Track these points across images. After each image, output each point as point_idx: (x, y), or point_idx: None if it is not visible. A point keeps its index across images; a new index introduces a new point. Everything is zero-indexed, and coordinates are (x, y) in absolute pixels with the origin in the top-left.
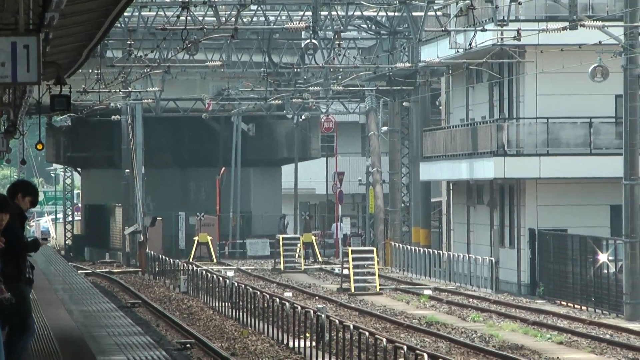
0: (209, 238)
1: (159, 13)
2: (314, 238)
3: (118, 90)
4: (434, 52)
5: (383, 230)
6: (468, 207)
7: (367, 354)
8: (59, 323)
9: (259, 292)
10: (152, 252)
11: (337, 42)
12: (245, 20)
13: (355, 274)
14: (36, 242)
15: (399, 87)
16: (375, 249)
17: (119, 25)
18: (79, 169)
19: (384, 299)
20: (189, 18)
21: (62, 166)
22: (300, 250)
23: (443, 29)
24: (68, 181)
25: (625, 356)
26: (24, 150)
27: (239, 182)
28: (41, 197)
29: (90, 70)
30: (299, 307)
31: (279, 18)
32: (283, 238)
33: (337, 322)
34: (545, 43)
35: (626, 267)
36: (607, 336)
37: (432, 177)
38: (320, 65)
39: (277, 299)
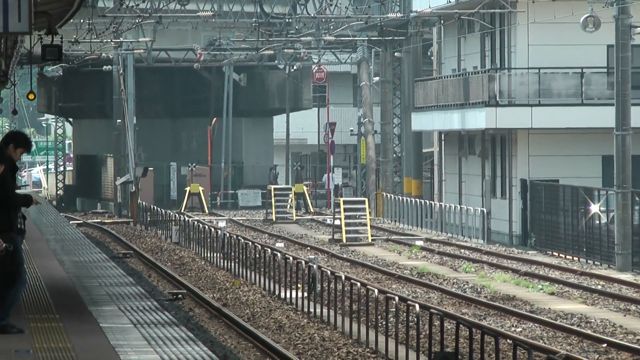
0: (201, 188)
1: None
2: (305, 189)
3: (109, 41)
4: (425, 2)
5: (375, 180)
6: (460, 158)
7: (358, 305)
8: (50, 273)
9: (250, 243)
10: (143, 203)
11: None
12: None
13: (347, 224)
14: (28, 198)
15: (390, 38)
16: (367, 200)
17: None
18: (71, 119)
19: (375, 250)
20: None
21: (53, 116)
22: (291, 200)
23: None
24: (59, 131)
25: (617, 307)
26: (16, 100)
27: (230, 132)
28: (33, 146)
29: (81, 21)
30: (291, 258)
31: None
32: (275, 189)
33: (328, 272)
34: None
35: (617, 217)
36: (599, 287)
37: (424, 128)
38: (312, 15)
39: (269, 250)
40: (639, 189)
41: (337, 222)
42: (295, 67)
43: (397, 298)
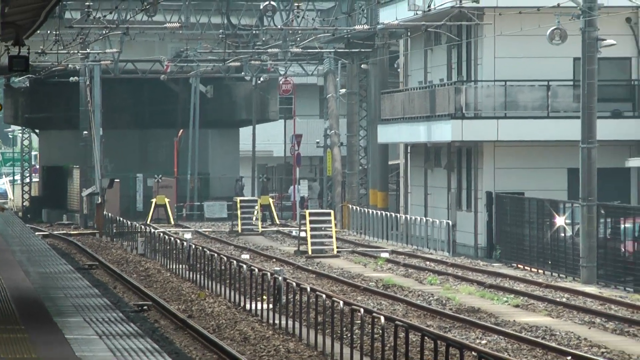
0: (167, 200)
1: None
2: (271, 200)
3: (76, 52)
4: (392, 14)
5: (340, 192)
6: (425, 170)
7: (324, 317)
8: (16, 284)
9: (216, 255)
10: (109, 214)
11: (295, 4)
12: None
13: (312, 236)
14: None
15: (357, 50)
16: (332, 212)
17: None
18: (37, 130)
19: (341, 262)
20: None
21: (20, 127)
22: (257, 212)
23: None
24: (26, 142)
25: (582, 319)
26: None
27: (197, 143)
28: None
29: (48, 32)
30: (256, 270)
31: None
32: (241, 200)
33: (294, 284)
34: (503, 5)
35: (583, 230)
36: (564, 299)
37: (390, 140)
38: (279, 27)
39: (235, 262)
40: (604, 202)
41: (302, 234)
42: (262, 79)
43: (362, 310)
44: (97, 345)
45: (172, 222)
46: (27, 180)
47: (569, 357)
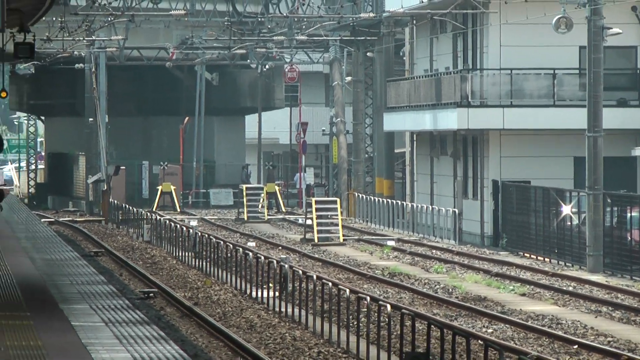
0: (173, 187)
1: None
2: (277, 188)
3: (82, 39)
4: (398, 2)
5: (346, 180)
6: (431, 158)
7: (330, 305)
8: (22, 271)
9: (222, 242)
10: (115, 201)
11: None
12: None
13: (318, 224)
14: (1, 191)
15: (363, 38)
16: (338, 200)
17: None
18: (43, 117)
19: (347, 250)
20: None
21: (25, 114)
22: (263, 200)
23: None
24: (31, 129)
25: (588, 308)
26: None
27: (202, 131)
28: (5, 144)
29: (54, 18)
30: (262, 257)
31: None
32: (246, 188)
33: (300, 272)
34: None
35: (589, 219)
36: (570, 288)
37: (396, 128)
38: (285, 14)
39: (241, 249)
40: (611, 191)
41: (308, 221)
42: (267, 67)
43: (368, 298)
44: (103, 332)
45: (178, 210)
46: (33, 167)
47: (576, 346)
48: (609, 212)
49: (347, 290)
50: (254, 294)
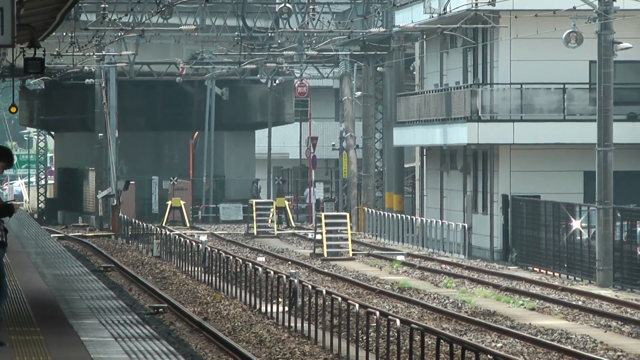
0: (182, 202)
1: None
2: (287, 203)
3: (92, 54)
4: (408, 17)
5: (356, 195)
6: (441, 173)
7: (339, 319)
8: (31, 286)
9: (231, 257)
10: (125, 216)
11: (311, 7)
12: None
13: (328, 239)
14: (11, 206)
15: (373, 52)
16: (348, 214)
17: None
18: (53, 132)
19: (356, 265)
20: None
21: (35, 129)
22: (273, 215)
23: None
24: (41, 144)
25: (598, 322)
26: None
27: (212, 146)
28: (14, 160)
29: (64, 34)
30: (272, 272)
31: None
32: (256, 203)
33: (309, 287)
34: (519, 8)
35: (599, 233)
36: (580, 303)
37: (406, 143)
38: (295, 29)
39: (250, 264)
40: (621, 205)
41: (318, 236)
42: (277, 82)
43: (377, 313)
44: (113, 348)
45: (188, 225)
46: (43, 182)
47: None
48: (619, 227)
49: (357, 305)
50: (263, 308)
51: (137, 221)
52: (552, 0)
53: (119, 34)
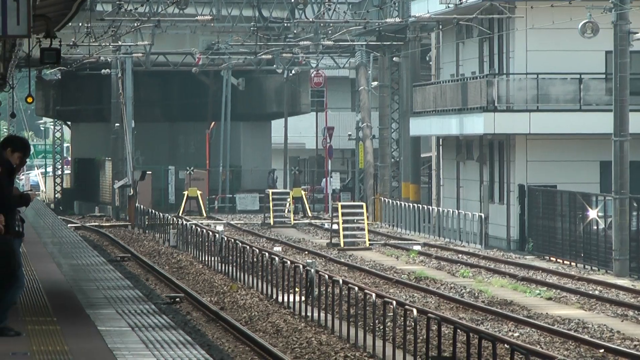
0: (199, 192)
1: None
2: (303, 193)
3: (108, 44)
4: (424, 7)
5: (373, 185)
6: (457, 163)
7: (356, 309)
8: (48, 276)
9: (248, 247)
10: (141, 206)
11: None
12: None
13: (344, 229)
14: (27, 196)
15: (389, 42)
16: (364, 204)
17: None
18: (69, 123)
19: (373, 254)
20: None
21: (51, 120)
22: (289, 205)
23: None
24: (58, 135)
25: (614, 312)
26: (14, 103)
27: (228, 136)
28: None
29: (80, 24)
30: (288, 262)
31: None
32: (273, 193)
33: (326, 276)
34: None
35: (615, 223)
36: (596, 292)
37: (422, 133)
38: (311, 19)
39: (267, 254)
40: (637, 195)
41: (334, 226)
42: (293, 72)
43: (394, 302)
44: (130, 337)
45: (204, 215)
46: (59, 172)
47: (602, 350)
48: (635, 217)
49: (373, 295)
50: (280, 298)
51: (153, 211)
52: None
53: (135, 25)
